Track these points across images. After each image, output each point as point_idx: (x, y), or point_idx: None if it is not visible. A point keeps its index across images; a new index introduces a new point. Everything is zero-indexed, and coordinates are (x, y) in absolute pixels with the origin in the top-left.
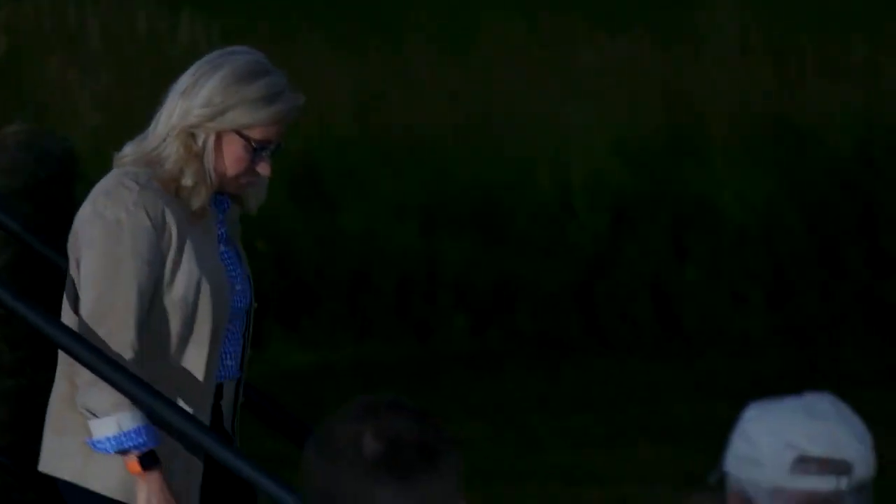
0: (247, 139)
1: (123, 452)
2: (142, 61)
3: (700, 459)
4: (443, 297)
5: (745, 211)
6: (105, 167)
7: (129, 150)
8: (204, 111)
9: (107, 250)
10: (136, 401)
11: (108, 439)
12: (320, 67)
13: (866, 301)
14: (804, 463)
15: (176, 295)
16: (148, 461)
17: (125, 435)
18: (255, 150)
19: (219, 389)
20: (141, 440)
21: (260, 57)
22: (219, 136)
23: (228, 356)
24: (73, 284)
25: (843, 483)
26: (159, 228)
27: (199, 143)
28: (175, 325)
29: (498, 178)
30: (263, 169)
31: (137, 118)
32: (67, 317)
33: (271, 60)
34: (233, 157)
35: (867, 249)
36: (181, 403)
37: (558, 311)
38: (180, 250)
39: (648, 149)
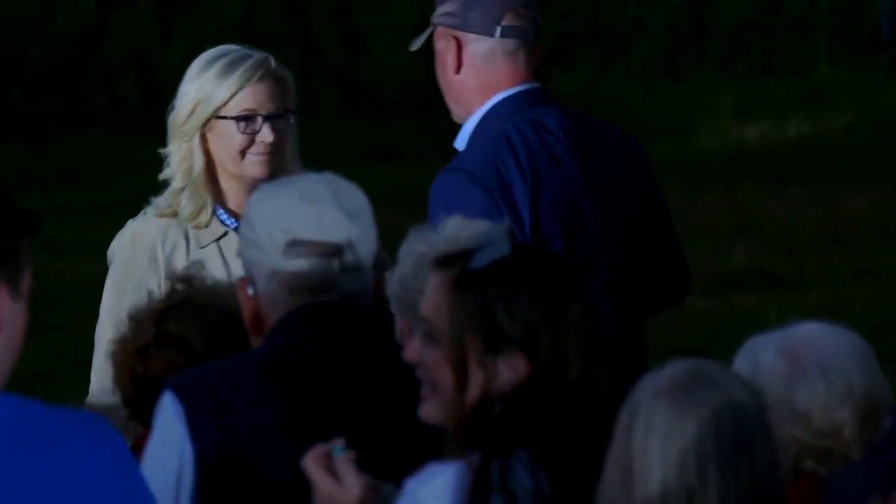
0: (230, 118)
1: None
2: None
3: None
4: None
5: None
6: None
7: None
8: (180, 116)
9: (106, 283)
10: None
11: None
12: None
13: (341, 80)
14: (294, 246)
15: None
16: None
17: None
18: (245, 123)
19: None
20: None
21: (225, 48)
22: (203, 135)
23: None
24: None
25: (335, 265)
26: (145, 256)
27: (188, 149)
28: None
29: None
30: (264, 136)
31: None
32: None
33: None
34: (225, 142)
35: (343, 30)
36: None
37: (46, 88)
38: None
39: None
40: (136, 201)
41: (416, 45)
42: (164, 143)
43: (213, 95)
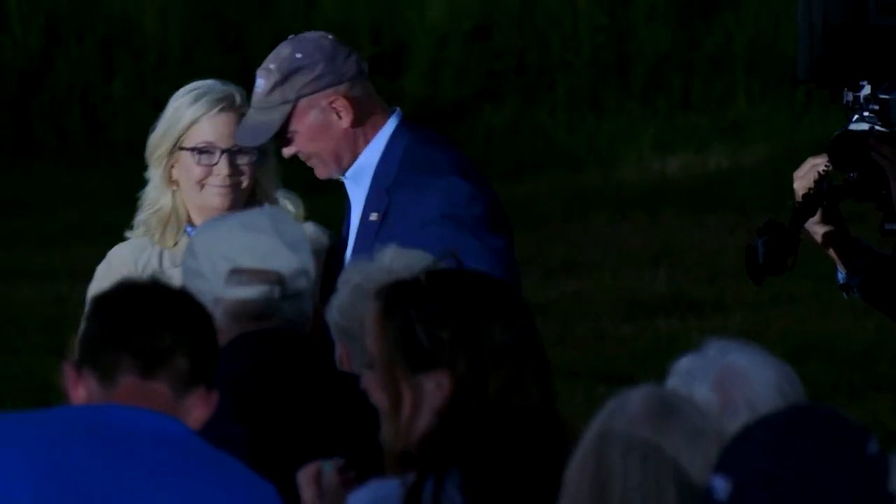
0: (188, 149)
1: None
2: None
3: None
4: None
5: (167, 31)
6: None
7: None
8: (153, 142)
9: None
10: None
11: None
12: None
13: None
14: (237, 274)
15: None
16: None
17: None
18: (201, 154)
19: None
20: None
21: (207, 82)
22: (171, 165)
23: None
24: None
25: (276, 292)
26: (121, 276)
27: (160, 174)
28: None
29: None
30: (220, 169)
31: None
32: None
33: None
34: (185, 173)
35: None
36: None
37: None
38: None
39: None
40: (80, 230)
41: (263, 139)
42: (106, 175)
43: (177, 124)
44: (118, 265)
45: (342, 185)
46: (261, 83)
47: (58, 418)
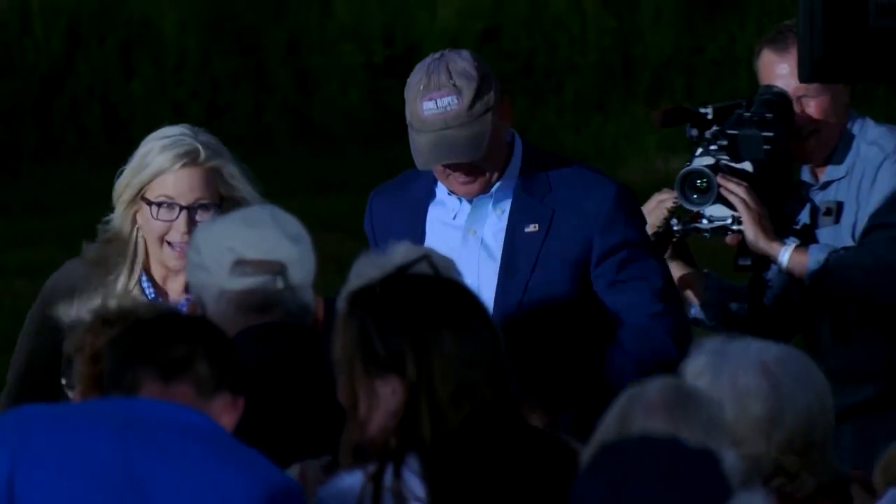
0: (149, 203)
1: None
2: None
3: None
4: None
5: (186, 34)
6: None
7: None
8: (121, 184)
9: (28, 315)
10: None
11: None
12: None
13: (293, 115)
14: (241, 265)
15: None
16: None
17: None
18: (160, 209)
19: None
20: None
21: (180, 130)
22: (135, 213)
23: None
24: None
25: (279, 282)
26: (62, 303)
27: (124, 219)
28: None
29: None
30: (178, 226)
31: None
32: None
33: None
34: (146, 226)
35: (293, 70)
36: None
37: (16, 123)
38: None
39: None
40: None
41: (480, 152)
42: None
43: (142, 172)
44: (63, 291)
45: (352, 187)
46: (453, 100)
47: (87, 410)
